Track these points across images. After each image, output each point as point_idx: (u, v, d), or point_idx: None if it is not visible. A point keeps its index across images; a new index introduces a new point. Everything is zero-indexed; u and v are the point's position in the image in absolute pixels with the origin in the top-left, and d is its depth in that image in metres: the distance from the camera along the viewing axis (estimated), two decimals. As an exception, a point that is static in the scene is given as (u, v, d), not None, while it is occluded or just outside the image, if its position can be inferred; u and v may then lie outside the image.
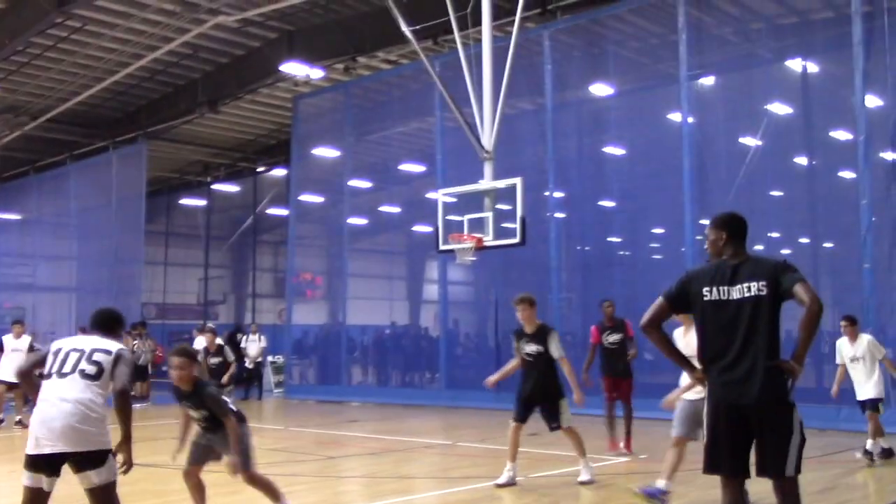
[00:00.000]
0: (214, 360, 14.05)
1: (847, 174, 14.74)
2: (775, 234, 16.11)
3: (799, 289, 4.32)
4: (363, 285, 24.14)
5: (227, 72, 21.26)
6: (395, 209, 24.22)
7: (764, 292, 4.40)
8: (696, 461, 5.18)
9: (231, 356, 14.34)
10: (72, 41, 19.05)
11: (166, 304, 31.86)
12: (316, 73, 19.87)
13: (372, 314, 24.84)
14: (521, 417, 8.57)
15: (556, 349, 8.47)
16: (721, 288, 4.50)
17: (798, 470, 4.39)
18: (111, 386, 4.80)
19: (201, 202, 32.24)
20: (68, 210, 27.51)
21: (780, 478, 4.39)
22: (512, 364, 8.89)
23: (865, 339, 9.66)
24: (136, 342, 19.91)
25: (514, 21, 12.57)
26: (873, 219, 12.97)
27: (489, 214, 11.65)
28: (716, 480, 4.62)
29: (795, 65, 15.65)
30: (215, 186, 31.66)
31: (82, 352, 4.76)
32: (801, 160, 16.01)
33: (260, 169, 29.84)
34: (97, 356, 4.74)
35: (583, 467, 8.56)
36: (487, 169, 11.87)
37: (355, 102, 21.47)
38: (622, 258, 17.77)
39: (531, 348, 8.51)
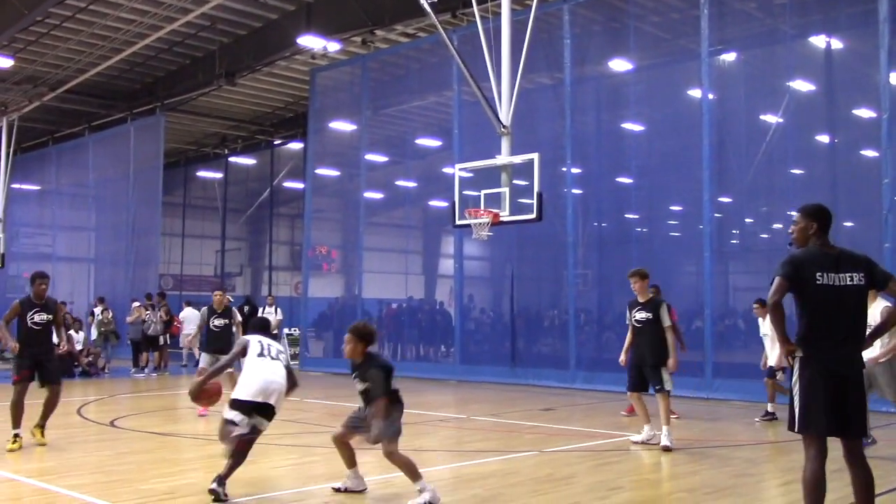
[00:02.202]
0: (218, 322, 12.16)
1: (869, 153, 14.55)
2: (795, 213, 15.85)
3: (894, 284, 5.18)
4: (378, 259, 24.16)
5: (244, 44, 21.21)
6: (412, 183, 24.16)
7: (863, 282, 5.14)
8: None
9: (238, 318, 12.46)
10: (90, 12, 19.04)
11: (183, 275, 32.09)
12: (333, 46, 19.80)
13: (387, 288, 24.89)
14: (634, 386, 9.36)
15: (664, 317, 9.23)
16: (829, 274, 5.12)
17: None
18: None
19: (218, 174, 32.34)
20: (86, 181, 27.70)
21: (863, 437, 5.26)
22: (629, 337, 9.50)
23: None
24: (147, 312, 20.03)
25: (533, -6, 12.41)
26: (895, 198, 12.83)
27: (506, 190, 11.58)
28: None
29: (819, 41, 15.38)
30: (232, 159, 31.75)
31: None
32: (823, 138, 15.78)
33: (277, 142, 29.86)
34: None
35: (664, 434, 9.01)
36: (504, 144, 11.79)
37: (372, 76, 21.34)
38: (639, 235, 17.61)
39: (641, 315, 9.30)
